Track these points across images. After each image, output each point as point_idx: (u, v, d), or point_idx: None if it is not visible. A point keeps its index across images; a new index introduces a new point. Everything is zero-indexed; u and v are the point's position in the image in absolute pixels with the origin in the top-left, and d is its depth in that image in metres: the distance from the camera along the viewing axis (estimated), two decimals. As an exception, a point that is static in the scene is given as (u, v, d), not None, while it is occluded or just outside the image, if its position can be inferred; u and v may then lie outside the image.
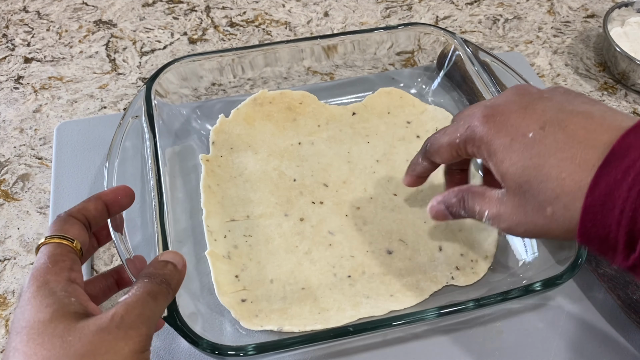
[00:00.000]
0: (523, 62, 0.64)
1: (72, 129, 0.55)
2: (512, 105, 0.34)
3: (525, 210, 0.32)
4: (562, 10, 0.74)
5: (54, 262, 0.30)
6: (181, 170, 0.50)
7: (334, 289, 0.43)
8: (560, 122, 0.31)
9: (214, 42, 0.68)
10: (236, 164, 0.50)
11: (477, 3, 0.74)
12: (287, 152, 0.51)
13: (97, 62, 0.65)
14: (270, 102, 0.54)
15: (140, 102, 0.48)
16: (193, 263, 0.44)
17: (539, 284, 0.39)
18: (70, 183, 0.51)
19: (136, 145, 0.46)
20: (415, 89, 0.59)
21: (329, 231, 0.46)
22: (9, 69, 0.64)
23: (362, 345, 0.42)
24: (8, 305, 0.46)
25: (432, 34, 0.57)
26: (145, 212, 0.43)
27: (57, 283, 0.29)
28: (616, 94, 0.64)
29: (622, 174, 0.28)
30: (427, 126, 0.54)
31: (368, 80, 0.59)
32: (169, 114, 0.51)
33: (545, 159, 0.30)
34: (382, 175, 0.50)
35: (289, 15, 0.72)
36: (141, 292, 0.30)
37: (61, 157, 0.53)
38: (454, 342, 0.42)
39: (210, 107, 0.55)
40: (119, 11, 0.72)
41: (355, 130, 0.54)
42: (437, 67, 0.59)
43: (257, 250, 0.45)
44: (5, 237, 0.49)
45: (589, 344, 0.42)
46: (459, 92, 0.57)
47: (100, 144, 0.53)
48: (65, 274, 0.30)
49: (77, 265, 0.31)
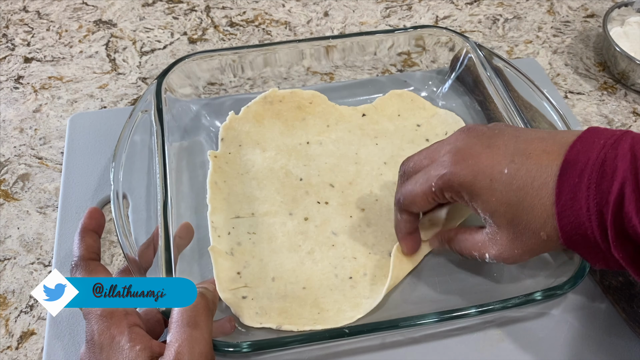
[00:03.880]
0: (537, 69, 0.63)
1: (85, 120, 0.55)
2: (476, 147, 0.35)
3: (522, 240, 0.34)
4: (562, 10, 0.74)
5: (111, 315, 0.32)
6: (188, 165, 0.50)
7: (334, 290, 0.43)
8: (524, 151, 0.34)
9: (214, 42, 0.68)
10: (244, 161, 0.50)
11: (476, 3, 0.75)
12: (295, 151, 0.51)
13: (97, 62, 0.65)
14: (280, 101, 0.54)
15: (150, 97, 0.48)
16: (196, 258, 0.44)
17: (540, 293, 0.38)
18: (80, 175, 0.51)
19: (144, 139, 0.46)
20: (426, 92, 0.58)
21: (333, 232, 0.46)
22: (9, 69, 0.64)
23: (360, 347, 0.42)
24: (8, 305, 0.46)
25: (443, 36, 0.57)
26: (150, 206, 0.43)
27: (121, 335, 0.32)
28: (616, 94, 0.64)
29: (578, 176, 0.31)
30: (437, 130, 0.54)
31: (379, 82, 0.59)
32: (179, 109, 0.52)
33: (525, 191, 0.33)
34: (389, 177, 0.50)
35: (289, 15, 0.72)
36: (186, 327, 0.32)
37: (73, 148, 0.53)
38: (452, 348, 0.41)
39: (220, 104, 0.55)
40: (119, 11, 0.72)
41: (364, 132, 0.53)
42: (450, 70, 0.58)
43: (260, 247, 0.45)
44: (5, 237, 0.49)
45: (592, 357, 0.41)
46: (470, 96, 0.57)
47: (111, 136, 0.53)
48: (124, 322, 0.32)
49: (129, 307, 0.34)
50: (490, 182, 0.34)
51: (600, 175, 0.30)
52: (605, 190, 0.30)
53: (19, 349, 0.43)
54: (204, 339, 0.32)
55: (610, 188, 0.30)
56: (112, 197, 0.42)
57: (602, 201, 0.30)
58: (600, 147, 0.31)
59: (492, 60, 0.53)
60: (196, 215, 0.47)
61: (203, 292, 0.34)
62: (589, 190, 0.31)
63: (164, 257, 0.38)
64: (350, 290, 0.43)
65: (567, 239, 0.32)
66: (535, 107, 0.50)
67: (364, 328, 0.37)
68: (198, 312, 0.32)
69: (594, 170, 0.31)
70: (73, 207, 0.49)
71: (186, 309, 0.32)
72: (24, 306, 0.46)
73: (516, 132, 0.35)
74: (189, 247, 0.44)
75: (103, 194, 0.50)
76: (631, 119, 0.61)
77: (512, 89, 0.52)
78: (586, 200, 0.31)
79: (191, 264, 0.44)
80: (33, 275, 0.47)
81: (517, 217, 0.33)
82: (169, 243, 0.39)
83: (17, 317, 0.45)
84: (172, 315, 0.33)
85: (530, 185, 0.33)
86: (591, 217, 0.31)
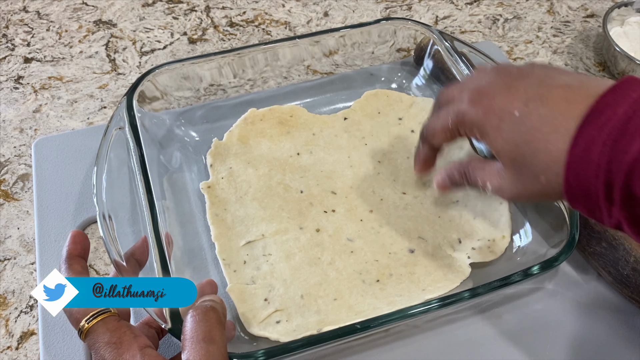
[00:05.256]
0: (497, 51, 0.65)
1: (51, 144, 0.54)
2: (495, 87, 0.36)
3: (522, 180, 0.35)
4: (562, 10, 0.74)
5: (120, 341, 0.32)
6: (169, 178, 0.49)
7: (365, 295, 0.42)
8: (542, 97, 0.33)
9: (214, 42, 0.68)
10: (239, 183, 0.49)
11: (476, 3, 0.75)
12: (288, 164, 0.51)
13: (97, 62, 0.65)
14: (260, 120, 0.54)
15: (122, 113, 0.47)
16: (186, 264, 0.44)
17: (538, 267, 0.40)
18: (54, 199, 0.50)
19: (120, 155, 0.45)
20: (395, 84, 0.59)
21: (348, 238, 0.46)
22: (9, 69, 0.64)
23: (366, 341, 0.42)
24: (8, 305, 0.46)
25: (411, 28, 0.57)
26: (135, 222, 0.43)
27: (134, 359, 0.31)
28: (616, 94, 0.64)
29: (597, 130, 0.30)
30: (419, 118, 0.54)
31: (348, 77, 0.59)
32: (151, 122, 0.51)
33: (533, 134, 0.33)
34: (387, 175, 0.50)
35: (289, 15, 0.72)
36: None
37: (42, 173, 0.51)
38: (454, 330, 0.43)
39: (193, 114, 0.55)
40: (118, 11, 0.72)
41: (351, 134, 0.53)
42: (415, 61, 0.59)
43: (280, 268, 0.44)
44: (5, 237, 0.49)
45: (585, 323, 0.44)
46: (439, 84, 0.57)
47: (80, 157, 0.52)
48: (135, 345, 0.32)
49: (135, 329, 0.33)
50: (499, 122, 0.34)
51: (621, 133, 0.29)
52: (622, 149, 0.29)
53: (19, 349, 0.43)
54: (221, 354, 0.31)
55: (627, 147, 0.29)
56: (99, 219, 0.40)
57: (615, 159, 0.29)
58: (632, 102, 0.30)
59: (455, 46, 0.54)
60: (182, 228, 0.46)
61: (214, 306, 0.34)
62: (604, 147, 0.29)
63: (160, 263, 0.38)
64: (380, 292, 0.43)
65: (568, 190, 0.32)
66: None
67: (371, 322, 0.37)
68: (212, 327, 0.32)
69: (616, 126, 0.29)
70: (52, 235, 0.47)
71: (200, 325, 0.32)
72: (24, 306, 0.46)
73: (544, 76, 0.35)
74: (180, 255, 0.43)
75: (82, 217, 0.49)
76: (631, 118, 0.61)
77: None
78: (599, 156, 0.29)
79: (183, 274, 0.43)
80: (33, 275, 0.47)
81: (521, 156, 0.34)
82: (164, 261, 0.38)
83: (17, 317, 0.45)
84: (185, 332, 0.32)
85: (538, 130, 0.32)
86: (598, 175, 0.30)
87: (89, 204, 0.49)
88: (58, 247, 0.47)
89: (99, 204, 0.41)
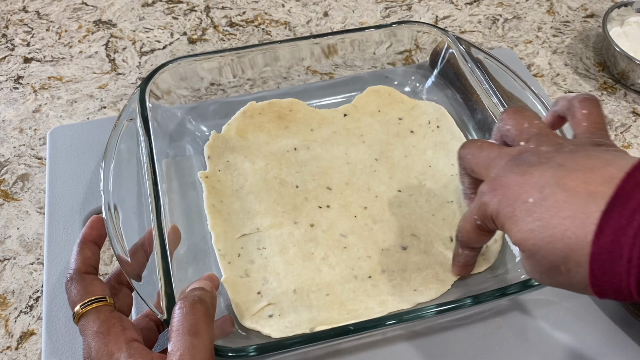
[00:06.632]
0: (515, 59, 0.64)
1: (66, 133, 0.54)
2: (510, 175, 0.33)
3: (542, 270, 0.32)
4: (562, 10, 0.74)
5: (108, 331, 0.32)
6: (177, 172, 0.49)
7: (357, 292, 0.43)
8: (559, 181, 0.30)
9: (214, 42, 0.68)
10: (235, 176, 0.49)
11: (476, 3, 0.75)
12: (285, 159, 0.51)
13: (97, 62, 0.65)
14: (259, 113, 0.54)
15: (135, 105, 0.47)
16: (190, 262, 0.44)
17: None
18: (65, 188, 0.50)
19: (131, 147, 0.45)
20: (409, 87, 0.59)
21: (341, 234, 0.46)
22: (8, 69, 0.64)
23: (361, 343, 0.42)
24: (8, 305, 0.46)
25: (428, 32, 0.57)
26: (141, 215, 0.43)
27: (120, 352, 0.32)
28: (615, 94, 0.64)
29: (627, 218, 0.26)
30: (420, 120, 0.54)
31: (361, 79, 0.59)
32: (163, 115, 0.51)
33: (547, 221, 0.30)
34: (383, 173, 0.50)
35: (289, 15, 0.72)
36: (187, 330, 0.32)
37: (55, 161, 0.52)
38: (454, 338, 0.43)
39: (205, 108, 0.55)
40: (118, 11, 0.72)
41: (349, 131, 0.54)
42: (430, 65, 0.59)
43: (273, 261, 0.44)
44: (5, 237, 0.49)
45: (588, 336, 0.43)
46: (452, 89, 0.57)
47: (94, 148, 0.53)
48: (122, 337, 0.32)
49: (126, 322, 0.34)
50: (513, 212, 0.32)
51: None
52: None
53: (19, 349, 0.43)
54: (205, 347, 0.31)
55: None
56: (104, 209, 0.41)
57: None
58: None
59: (472, 52, 0.53)
60: (187, 221, 0.46)
61: (202, 297, 0.34)
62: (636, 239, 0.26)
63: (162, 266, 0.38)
64: (372, 289, 0.43)
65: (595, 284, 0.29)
66: (517, 97, 0.51)
67: (367, 324, 0.37)
68: (198, 320, 0.32)
69: None
70: (61, 223, 0.48)
71: (186, 317, 0.32)
72: (24, 306, 0.46)
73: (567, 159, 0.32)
74: (183, 251, 0.44)
75: (90, 206, 0.49)
76: (631, 119, 0.61)
77: (492, 78, 0.52)
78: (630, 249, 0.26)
79: (185, 269, 0.43)
80: (33, 276, 0.47)
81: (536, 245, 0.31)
82: (165, 251, 0.38)
83: (17, 317, 0.45)
84: (172, 324, 0.32)
85: (555, 216, 0.29)
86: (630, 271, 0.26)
87: (98, 194, 0.49)
88: (66, 234, 0.47)
89: (105, 193, 0.41)
